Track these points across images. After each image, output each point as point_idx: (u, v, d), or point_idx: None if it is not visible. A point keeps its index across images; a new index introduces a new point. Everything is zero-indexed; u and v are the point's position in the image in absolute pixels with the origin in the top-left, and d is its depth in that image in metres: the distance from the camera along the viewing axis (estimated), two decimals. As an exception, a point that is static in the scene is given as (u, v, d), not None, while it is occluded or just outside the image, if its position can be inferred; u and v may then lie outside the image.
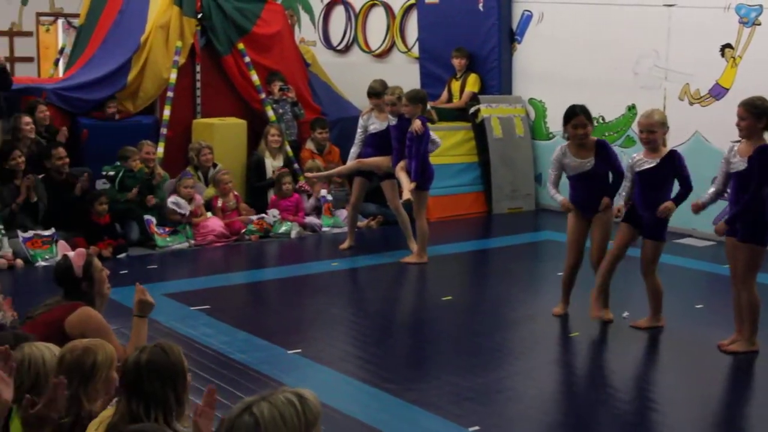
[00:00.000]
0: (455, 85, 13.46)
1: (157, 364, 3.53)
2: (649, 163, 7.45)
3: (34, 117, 10.64)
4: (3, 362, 3.28)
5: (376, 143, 10.21)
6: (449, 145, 12.64)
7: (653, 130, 7.41)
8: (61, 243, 5.49)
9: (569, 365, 7.14)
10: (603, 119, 12.34)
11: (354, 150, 10.48)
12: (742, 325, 7.20)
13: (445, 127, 12.42)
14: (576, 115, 7.70)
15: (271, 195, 11.60)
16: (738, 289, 7.15)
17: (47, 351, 3.95)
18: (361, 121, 10.42)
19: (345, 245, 10.60)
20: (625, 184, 7.68)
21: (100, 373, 3.80)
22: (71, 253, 5.16)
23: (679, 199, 7.53)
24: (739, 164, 7.00)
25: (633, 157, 7.65)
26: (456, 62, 13.38)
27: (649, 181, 7.46)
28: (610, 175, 7.79)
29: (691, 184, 7.53)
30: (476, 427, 5.71)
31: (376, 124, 10.24)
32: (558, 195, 7.88)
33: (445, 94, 13.54)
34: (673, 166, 7.48)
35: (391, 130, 9.99)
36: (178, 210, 10.57)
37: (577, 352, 7.42)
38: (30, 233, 9.72)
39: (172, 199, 10.61)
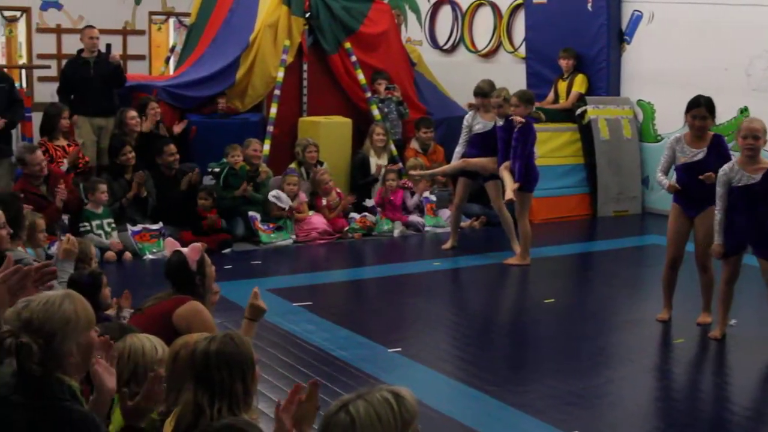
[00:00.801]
0: (562, 86, 13.32)
1: (226, 354, 3.48)
2: (751, 179, 7.08)
3: (146, 114, 10.87)
4: (105, 352, 3.34)
5: (481, 143, 10.17)
6: (555, 146, 12.54)
7: (758, 136, 7.06)
8: (169, 240, 5.54)
9: (672, 372, 6.98)
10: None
11: (458, 150, 10.46)
12: None
13: (551, 128, 12.31)
14: (698, 106, 7.50)
15: (376, 190, 11.63)
16: None
17: (148, 342, 4.01)
18: (465, 122, 10.39)
19: (448, 245, 10.58)
20: (719, 206, 7.25)
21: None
22: (185, 249, 5.22)
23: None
24: None
25: (725, 170, 7.20)
26: (563, 63, 13.24)
27: (752, 197, 7.11)
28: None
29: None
30: (576, 432, 5.65)
31: (481, 124, 10.20)
32: (665, 179, 7.65)
33: (551, 95, 13.41)
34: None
35: (497, 131, 9.94)
36: (279, 203, 10.69)
37: (680, 358, 7.26)
38: (138, 227, 9.94)
39: (273, 193, 10.73)
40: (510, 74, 13.85)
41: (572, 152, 12.90)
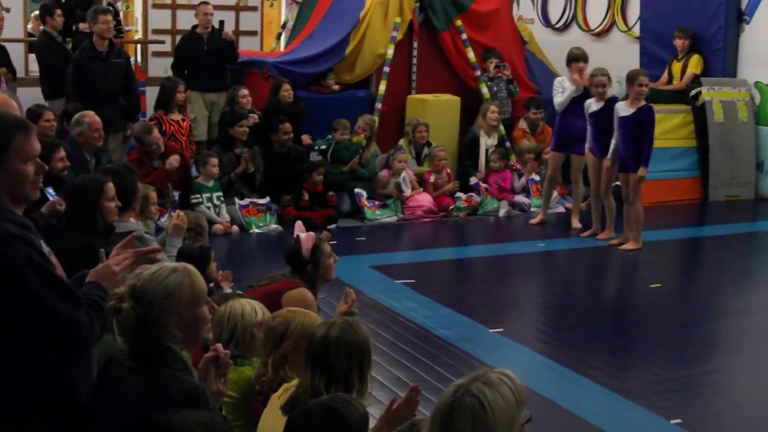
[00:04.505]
0: (676, 67, 13.02)
1: (346, 340, 3.54)
2: None
3: (279, 95, 10.96)
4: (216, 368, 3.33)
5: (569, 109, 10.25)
6: (667, 128, 12.25)
7: None
8: (298, 223, 5.61)
9: (782, 363, 6.81)
10: (835, 106, 11.70)
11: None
12: None
13: (664, 110, 12.06)
14: None
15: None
16: None
17: (248, 305, 4.14)
18: (558, 85, 10.46)
19: (536, 220, 10.69)
20: None
21: (290, 342, 3.89)
22: (302, 235, 5.30)
23: None
24: None
25: None
26: (678, 42, 12.93)
27: None
28: None
29: None
30: (678, 420, 5.56)
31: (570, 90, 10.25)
32: None
33: (665, 76, 13.12)
34: None
35: (591, 117, 9.87)
36: (402, 187, 10.74)
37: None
38: (246, 201, 10.10)
39: (403, 175, 10.78)
40: (623, 54, 13.63)
41: (685, 135, 12.61)
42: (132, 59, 12.35)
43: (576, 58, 10.28)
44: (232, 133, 10.38)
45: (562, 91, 10.29)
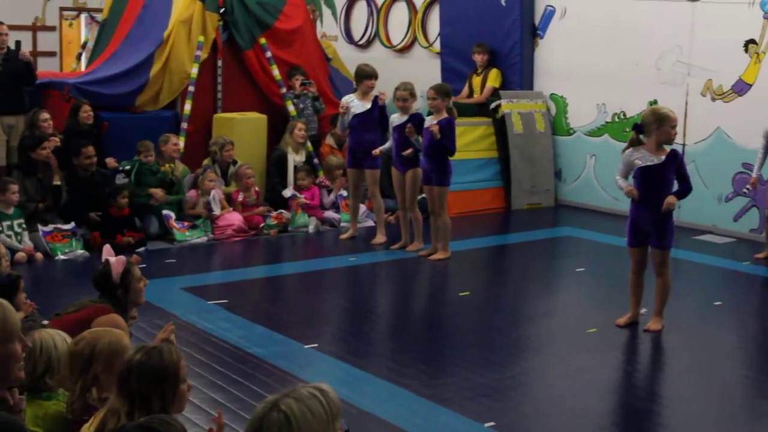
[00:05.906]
0: (476, 81, 13.42)
1: (147, 366, 3.44)
2: (655, 160, 7.31)
3: (78, 117, 10.66)
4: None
5: (358, 125, 10.54)
6: (469, 140, 12.60)
7: (676, 125, 7.41)
8: (106, 247, 5.47)
9: (585, 362, 7.07)
10: (624, 115, 12.29)
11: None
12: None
13: (466, 123, 12.40)
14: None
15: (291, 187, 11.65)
16: None
17: (57, 336, 4.02)
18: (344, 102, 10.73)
19: (346, 235, 10.83)
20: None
21: (99, 362, 3.80)
22: (112, 259, 5.18)
23: (681, 195, 7.45)
24: None
25: (631, 152, 7.39)
26: (477, 57, 13.34)
27: (651, 178, 7.34)
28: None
29: (691, 184, 7.48)
30: (492, 423, 5.71)
31: (359, 105, 10.54)
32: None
33: (465, 90, 13.50)
34: (675, 165, 7.40)
35: (395, 130, 10.06)
36: (212, 206, 10.63)
37: (593, 348, 7.34)
38: (50, 227, 9.77)
39: (213, 194, 10.67)
40: (425, 69, 13.95)
41: (486, 146, 12.99)
42: None
43: (368, 75, 10.50)
44: (34, 156, 10.05)
45: (345, 111, 10.58)
